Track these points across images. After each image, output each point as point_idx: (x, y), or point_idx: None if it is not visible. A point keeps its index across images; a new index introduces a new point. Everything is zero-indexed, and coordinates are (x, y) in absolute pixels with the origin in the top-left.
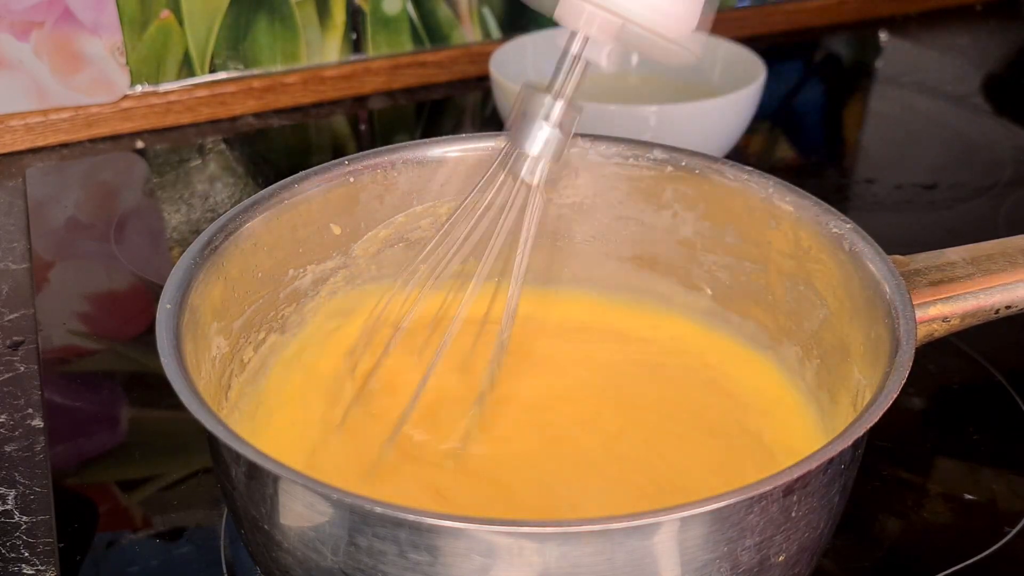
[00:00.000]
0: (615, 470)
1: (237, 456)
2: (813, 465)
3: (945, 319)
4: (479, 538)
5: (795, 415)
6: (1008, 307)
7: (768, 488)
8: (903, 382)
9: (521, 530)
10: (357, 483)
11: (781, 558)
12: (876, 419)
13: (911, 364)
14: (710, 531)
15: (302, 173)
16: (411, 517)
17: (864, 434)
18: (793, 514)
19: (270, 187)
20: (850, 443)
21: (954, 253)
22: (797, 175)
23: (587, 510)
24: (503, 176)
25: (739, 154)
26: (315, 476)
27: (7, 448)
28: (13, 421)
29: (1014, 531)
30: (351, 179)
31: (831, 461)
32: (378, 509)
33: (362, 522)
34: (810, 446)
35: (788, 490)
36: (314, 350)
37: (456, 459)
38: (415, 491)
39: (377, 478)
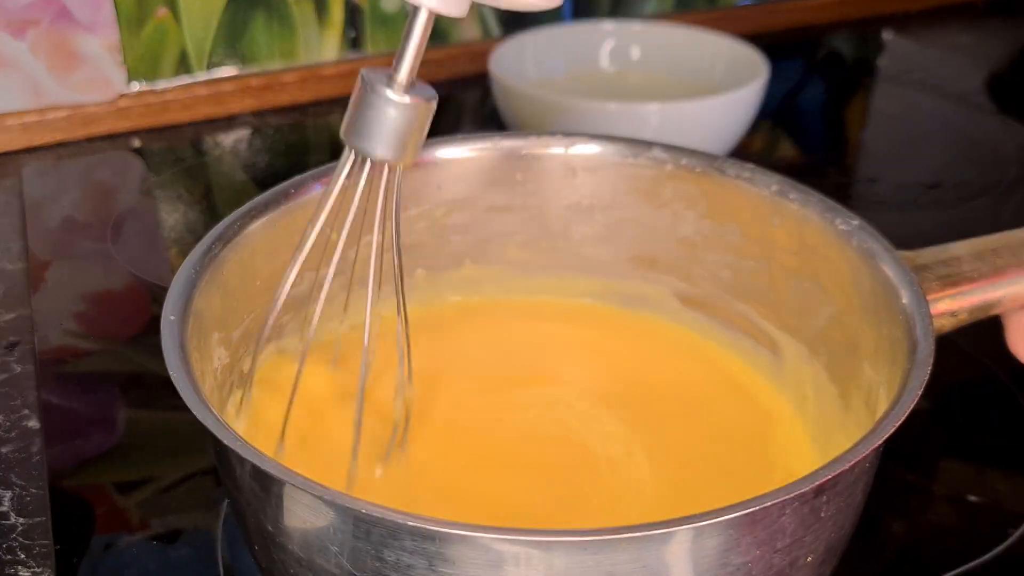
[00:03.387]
0: (619, 476)
1: (246, 464)
2: (845, 466)
3: (953, 314)
4: (487, 547)
5: (798, 414)
6: (1014, 300)
7: (802, 490)
8: (926, 378)
9: (530, 539)
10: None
11: (810, 558)
12: (904, 416)
13: (932, 360)
14: (741, 535)
15: (298, 178)
16: (418, 525)
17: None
18: (823, 514)
19: (266, 193)
20: (880, 443)
21: (959, 248)
22: (799, 174)
23: (591, 517)
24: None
25: (741, 152)
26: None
27: (3, 449)
28: (9, 422)
29: (1019, 532)
30: (348, 183)
31: (860, 461)
32: (409, 522)
33: (391, 536)
34: (810, 446)
35: (819, 491)
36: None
37: (461, 465)
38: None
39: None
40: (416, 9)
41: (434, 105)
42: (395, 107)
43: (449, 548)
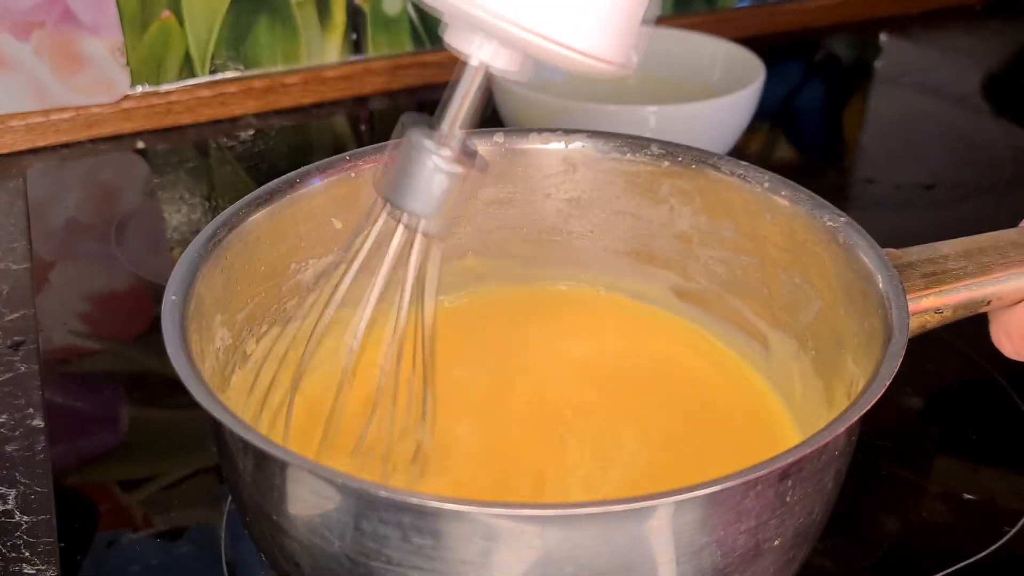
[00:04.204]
0: (610, 463)
1: (245, 444)
2: (808, 450)
3: (938, 311)
4: (481, 522)
5: (786, 407)
6: (999, 299)
7: (764, 472)
8: (896, 370)
9: (522, 512)
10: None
11: (776, 542)
12: (869, 406)
13: (904, 353)
14: (707, 514)
15: (305, 168)
16: (415, 501)
17: (857, 421)
18: (788, 499)
19: (273, 182)
20: (843, 430)
21: (947, 247)
22: (797, 175)
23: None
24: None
25: (739, 154)
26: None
27: (8, 448)
28: (14, 421)
29: (1013, 530)
30: (352, 174)
31: (825, 447)
32: (383, 493)
33: (368, 507)
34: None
35: (783, 475)
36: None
37: (454, 453)
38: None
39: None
40: (470, 64)
41: (485, 173)
42: (446, 175)
43: (434, 522)
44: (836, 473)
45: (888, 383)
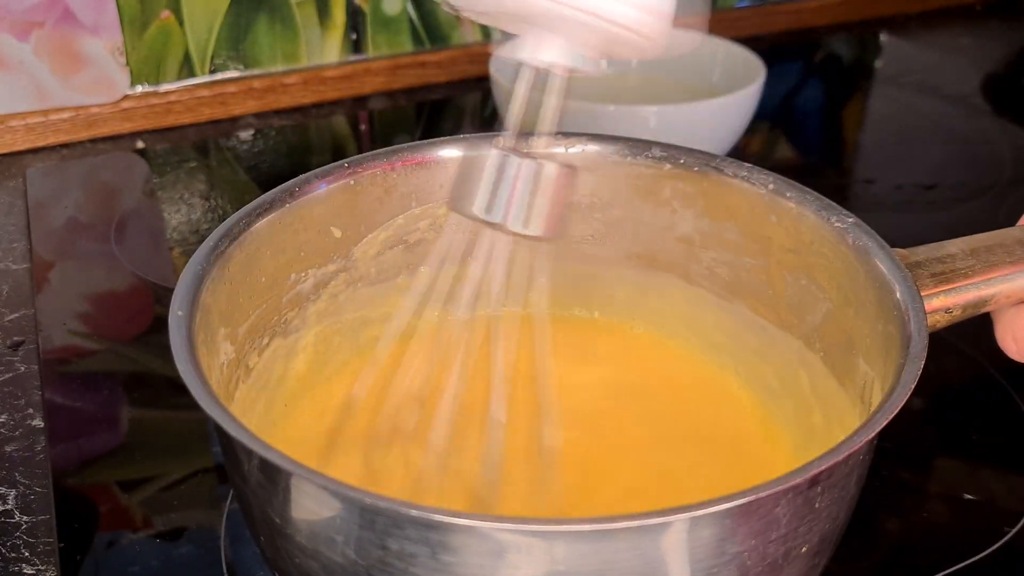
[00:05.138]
0: (616, 475)
1: (253, 456)
2: (840, 456)
3: (947, 310)
4: (492, 536)
5: (795, 413)
6: (1007, 297)
7: (797, 481)
8: (919, 373)
9: (526, 528)
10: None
11: (804, 549)
12: (897, 410)
13: (925, 354)
14: (737, 525)
15: (304, 176)
16: (441, 518)
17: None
18: (817, 505)
19: (273, 191)
20: (874, 435)
21: (953, 245)
22: (797, 175)
23: (589, 510)
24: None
25: (739, 154)
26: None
27: (7, 448)
28: (13, 421)
29: (1014, 531)
30: (352, 181)
31: (853, 452)
32: (413, 512)
33: (394, 525)
34: (806, 442)
35: (814, 481)
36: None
37: (459, 469)
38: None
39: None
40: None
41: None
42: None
43: (450, 537)
44: (859, 478)
45: (913, 386)
